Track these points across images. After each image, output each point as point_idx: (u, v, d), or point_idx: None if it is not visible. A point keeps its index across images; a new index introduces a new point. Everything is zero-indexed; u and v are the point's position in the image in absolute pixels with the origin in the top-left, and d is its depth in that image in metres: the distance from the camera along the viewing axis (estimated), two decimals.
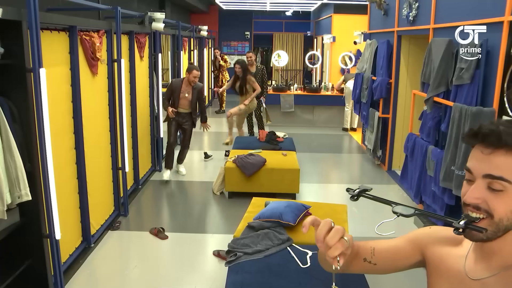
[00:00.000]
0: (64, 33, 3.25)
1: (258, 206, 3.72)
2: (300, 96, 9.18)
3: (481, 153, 0.83)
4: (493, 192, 0.82)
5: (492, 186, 0.82)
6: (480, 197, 0.83)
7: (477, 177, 0.84)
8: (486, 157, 0.82)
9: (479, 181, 0.83)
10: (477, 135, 0.84)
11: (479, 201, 0.83)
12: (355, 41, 8.08)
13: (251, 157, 5.03)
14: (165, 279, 3.38)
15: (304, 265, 2.77)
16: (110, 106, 4.15)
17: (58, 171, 3.02)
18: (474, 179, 0.84)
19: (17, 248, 2.84)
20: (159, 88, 5.82)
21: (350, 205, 4.49)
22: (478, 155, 0.85)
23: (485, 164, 0.82)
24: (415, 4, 4.95)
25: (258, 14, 14.34)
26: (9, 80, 2.63)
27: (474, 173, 0.85)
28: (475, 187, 0.83)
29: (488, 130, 0.82)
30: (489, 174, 0.82)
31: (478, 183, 0.83)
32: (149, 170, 5.72)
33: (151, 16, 5.20)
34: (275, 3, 11.55)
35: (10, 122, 2.51)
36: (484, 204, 0.82)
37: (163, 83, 6.12)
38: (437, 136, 4.25)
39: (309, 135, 8.42)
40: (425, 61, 4.34)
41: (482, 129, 0.84)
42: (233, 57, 13.92)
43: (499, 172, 0.81)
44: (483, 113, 3.31)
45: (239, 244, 3.04)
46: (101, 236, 3.97)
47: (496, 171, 0.81)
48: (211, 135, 8.88)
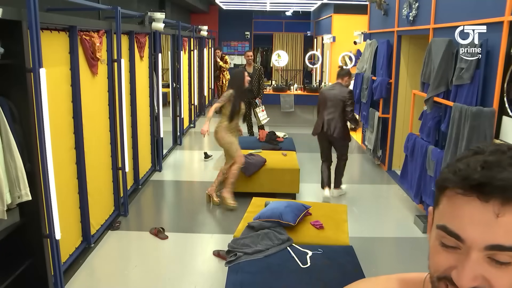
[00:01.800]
0: (64, 33, 3.25)
1: (258, 206, 3.72)
2: (300, 96, 9.18)
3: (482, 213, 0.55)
4: (496, 266, 0.55)
5: (496, 258, 0.55)
6: (480, 276, 0.55)
7: (472, 248, 0.55)
8: (491, 221, 0.54)
9: (477, 254, 0.55)
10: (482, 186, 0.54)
11: (478, 282, 0.55)
12: (355, 41, 8.08)
13: (251, 157, 5.03)
14: (165, 279, 3.38)
15: (304, 265, 2.77)
16: (110, 106, 4.15)
17: (58, 171, 3.02)
18: (465, 249, 0.56)
19: (17, 248, 2.84)
20: (159, 88, 5.82)
21: (350, 205, 4.50)
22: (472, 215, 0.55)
23: (490, 231, 0.54)
24: (415, 4, 4.95)
25: (258, 14, 14.34)
26: (9, 80, 2.63)
27: (468, 243, 0.55)
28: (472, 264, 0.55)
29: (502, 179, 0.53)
30: (497, 245, 0.54)
31: (475, 258, 0.55)
32: (149, 170, 5.72)
33: (151, 16, 5.19)
34: (275, 3, 11.55)
35: (10, 122, 2.51)
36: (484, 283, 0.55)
37: (163, 83, 6.12)
38: (437, 136, 4.26)
39: (309, 135, 8.39)
40: (425, 61, 4.34)
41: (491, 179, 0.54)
42: (233, 57, 13.93)
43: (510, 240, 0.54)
44: (483, 113, 3.31)
45: (239, 244, 3.04)
46: (101, 236, 3.96)
47: (509, 240, 0.54)
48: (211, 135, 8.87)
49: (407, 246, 3.99)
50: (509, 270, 0.55)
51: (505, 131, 3.28)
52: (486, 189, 0.54)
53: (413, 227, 4.34)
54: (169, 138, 7.13)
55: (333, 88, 5.01)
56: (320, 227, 3.36)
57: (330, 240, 3.19)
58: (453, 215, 0.57)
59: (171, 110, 7.18)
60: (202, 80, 10.12)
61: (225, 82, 10.71)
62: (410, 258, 3.77)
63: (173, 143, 7.31)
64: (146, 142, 5.58)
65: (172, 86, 7.11)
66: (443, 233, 0.58)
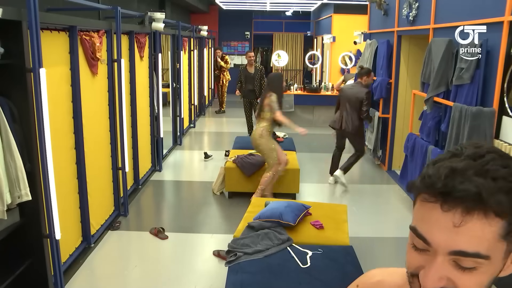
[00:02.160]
0: (64, 33, 3.25)
1: (258, 206, 3.72)
2: (300, 96, 9.18)
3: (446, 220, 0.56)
4: (461, 270, 0.58)
5: (461, 263, 0.57)
6: (444, 277, 0.58)
7: (438, 252, 0.58)
8: (455, 229, 0.56)
9: (442, 257, 0.58)
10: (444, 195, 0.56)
11: (443, 283, 0.58)
12: (355, 41, 8.08)
13: (251, 157, 5.03)
14: (165, 279, 3.38)
15: (304, 265, 2.77)
16: (110, 106, 4.15)
17: (58, 171, 3.02)
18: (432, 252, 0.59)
19: (17, 248, 2.84)
20: (159, 88, 5.82)
21: (350, 205, 4.50)
22: (439, 221, 0.57)
23: (454, 237, 0.56)
24: (415, 4, 4.95)
25: (258, 14, 14.34)
26: (9, 80, 2.63)
27: (434, 247, 0.58)
28: (437, 266, 0.58)
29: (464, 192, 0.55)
30: (461, 251, 0.56)
31: (441, 260, 0.58)
32: (149, 170, 5.72)
33: (151, 16, 5.19)
34: (275, 3, 11.54)
35: (10, 122, 2.51)
36: (450, 283, 0.58)
37: (163, 83, 6.12)
38: (437, 136, 4.26)
39: (309, 135, 8.40)
40: (425, 61, 4.34)
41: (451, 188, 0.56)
42: (233, 57, 13.92)
43: (474, 247, 0.56)
44: (483, 113, 3.32)
45: (239, 244, 3.04)
46: (101, 236, 3.96)
47: (471, 246, 0.56)
48: (211, 135, 8.89)
49: None
50: (475, 273, 0.57)
51: (505, 131, 3.29)
52: (448, 199, 0.56)
53: None
54: (169, 138, 7.13)
55: (353, 87, 5.33)
56: (320, 227, 3.36)
57: (330, 240, 3.19)
58: (422, 218, 0.60)
59: (171, 110, 7.18)
60: (202, 80, 10.12)
61: (225, 82, 10.69)
62: None
63: (173, 143, 7.31)
64: (146, 142, 5.58)
65: (172, 86, 7.11)
66: (413, 234, 0.61)
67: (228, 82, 10.80)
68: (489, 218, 0.55)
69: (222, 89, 10.74)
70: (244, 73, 7.59)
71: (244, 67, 7.70)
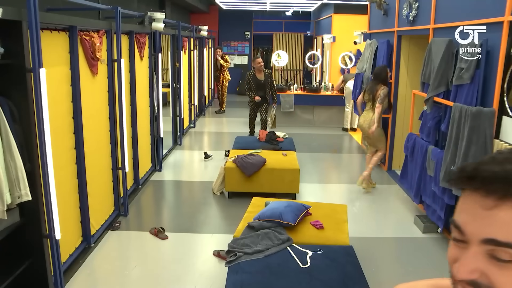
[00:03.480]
0: (64, 33, 3.25)
1: (258, 206, 3.72)
2: (300, 96, 9.18)
3: (479, 206, 0.55)
4: (498, 263, 0.54)
5: (496, 255, 0.54)
6: (477, 269, 0.55)
7: (472, 241, 0.56)
8: (486, 214, 0.55)
9: (476, 248, 0.56)
10: (473, 179, 0.56)
11: (477, 275, 0.55)
12: (355, 41, 8.08)
13: (251, 157, 5.03)
14: (165, 279, 3.38)
15: (304, 265, 2.77)
16: (110, 106, 4.15)
17: (58, 171, 3.02)
18: (468, 241, 0.57)
19: (17, 248, 2.84)
20: (159, 88, 5.82)
21: (350, 205, 4.50)
22: (473, 209, 0.56)
23: (485, 224, 0.55)
24: (415, 4, 4.95)
25: (258, 14, 14.33)
26: (9, 80, 2.63)
27: (467, 236, 0.57)
28: (470, 256, 0.56)
29: (490, 172, 0.55)
30: (492, 239, 0.54)
31: (474, 251, 0.56)
32: (149, 170, 5.72)
33: (151, 16, 5.19)
34: (275, 3, 11.54)
35: (10, 122, 2.51)
36: (484, 278, 0.55)
37: (163, 83, 6.12)
38: (437, 136, 4.25)
39: (309, 135, 8.43)
40: (425, 61, 4.34)
41: (480, 171, 0.56)
42: (233, 57, 13.92)
43: (506, 236, 0.53)
44: (483, 113, 3.31)
45: (239, 244, 3.04)
46: (101, 236, 3.97)
47: (503, 235, 0.53)
48: (211, 135, 8.89)
49: (407, 246, 3.99)
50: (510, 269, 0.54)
51: (505, 131, 3.29)
52: (475, 181, 0.56)
53: (413, 227, 4.34)
54: (169, 138, 7.13)
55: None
56: (320, 227, 3.36)
57: (330, 240, 3.20)
58: (460, 209, 0.59)
59: (171, 110, 7.18)
60: (202, 80, 10.12)
61: (225, 82, 10.68)
62: (410, 258, 3.77)
63: (173, 143, 7.31)
64: (146, 142, 5.58)
65: (172, 86, 7.11)
66: (453, 227, 0.60)
67: (228, 82, 10.80)
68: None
69: (222, 89, 10.73)
70: (254, 80, 7.12)
71: (252, 74, 7.16)
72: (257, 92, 7.15)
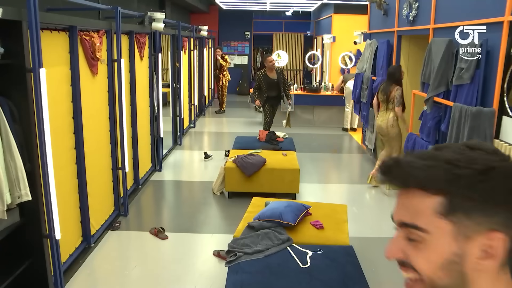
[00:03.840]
0: (64, 33, 3.25)
1: (258, 206, 3.72)
2: (300, 96, 9.17)
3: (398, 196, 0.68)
4: (412, 243, 0.65)
5: (409, 236, 0.65)
6: (399, 250, 0.66)
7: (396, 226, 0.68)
8: (401, 201, 0.66)
9: (398, 232, 0.67)
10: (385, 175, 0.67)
11: (400, 255, 0.66)
12: (355, 41, 8.08)
13: (251, 157, 5.03)
14: (165, 279, 3.38)
15: (304, 265, 2.77)
16: (110, 106, 4.15)
17: (58, 171, 3.02)
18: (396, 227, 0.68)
19: (17, 248, 2.84)
20: (159, 88, 5.82)
21: (350, 205, 4.50)
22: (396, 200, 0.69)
23: (399, 210, 0.66)
24: (415, 4, 4.95)
25: (258, 14, 14.33)
26: (9, 80, 2.63)
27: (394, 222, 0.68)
28: (394, 239, 0.67)
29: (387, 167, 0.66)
30: (402, 222, 0.65)
31: (397, 234, 0.67)
32: (149, 170, 5.72)
33: (151, 16, 5.19)
34: (275, 3, 11.54)
35: (10, 122, 2.51)
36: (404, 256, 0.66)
37: (163, 83, 6.12)
38: (437, 136, 4.25)
39: (309, 135, 8.43)
40: (425, 61, 4.34)
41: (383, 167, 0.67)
42: (233, 57, 13.92)
43: (411, 219, 0.64)
44: (483, 113, 3.31)
45: (239, 244, 3.04)
46: (101, 236, 3.96)
47: (409, 218, 0.64)
48: (211, 135, 8.89)
49: None
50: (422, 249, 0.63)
51: (505, 131, 3.28)
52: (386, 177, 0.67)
53: None
54: (169, 138, 7.13)
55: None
56: (320, 227, 3.36)
57: (330, 240, 3.20)
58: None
59: (171, 110, 7.17)
60: (202, 80, 10.11)
61: (225, 82, 10.68)
62: None
63: (173, 143, 7.31)
64: (146, 142, 5.58)
65: (172, 86, 7.11)
66: None
67: (228, 82, 10.80)
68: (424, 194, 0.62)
69: (222, 89, 10.73)
70: (266, 79, 6.78)
71: (263, 73, 6.83)
72: (269, 92, 6.85)
